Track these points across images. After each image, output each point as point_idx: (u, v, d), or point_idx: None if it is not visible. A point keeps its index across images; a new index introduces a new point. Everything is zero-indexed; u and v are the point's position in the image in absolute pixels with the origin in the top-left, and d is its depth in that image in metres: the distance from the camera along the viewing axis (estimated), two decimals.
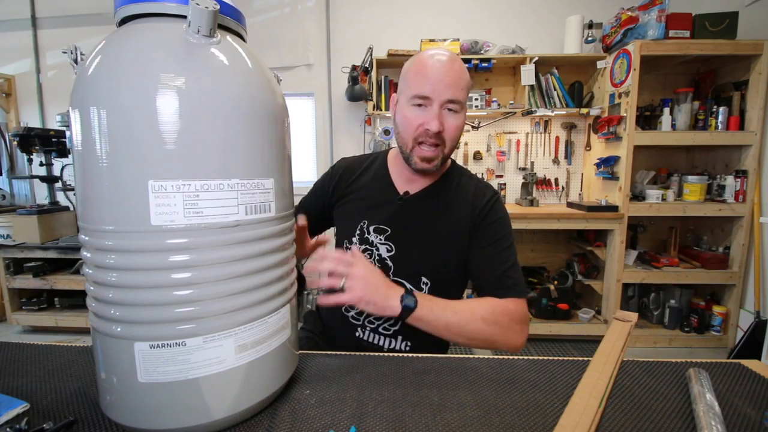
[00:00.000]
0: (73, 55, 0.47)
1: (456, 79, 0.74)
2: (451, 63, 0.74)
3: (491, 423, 0.49)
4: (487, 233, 0.81)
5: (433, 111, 0.73)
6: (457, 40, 2.50)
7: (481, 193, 0.84)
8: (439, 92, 0.73)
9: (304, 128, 2.93)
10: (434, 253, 0.82)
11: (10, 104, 2.99)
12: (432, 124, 0.73)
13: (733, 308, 2.30)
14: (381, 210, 0.85)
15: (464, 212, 0.82)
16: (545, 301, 2.42)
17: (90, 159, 0.42)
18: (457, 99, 0.74)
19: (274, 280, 0.51)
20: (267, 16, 2.79)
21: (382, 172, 0.89)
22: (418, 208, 0.84)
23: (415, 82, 0.75)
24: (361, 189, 0.89)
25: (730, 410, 0.51)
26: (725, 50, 2.14)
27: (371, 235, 0.84)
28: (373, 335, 0.84)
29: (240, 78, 0.46)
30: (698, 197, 2.29)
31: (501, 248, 0.81)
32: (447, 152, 0.79)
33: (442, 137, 0.76)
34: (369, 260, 0.81)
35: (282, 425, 0.48)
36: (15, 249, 2.30)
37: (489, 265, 0.80)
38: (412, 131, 0.76)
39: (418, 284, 0.82)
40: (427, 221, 0.83)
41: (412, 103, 0.76)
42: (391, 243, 0.82)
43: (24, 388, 0.56)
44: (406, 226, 0.83)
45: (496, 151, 2.79)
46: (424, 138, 0.75)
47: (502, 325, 0.74)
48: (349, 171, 0.92)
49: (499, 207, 0.84)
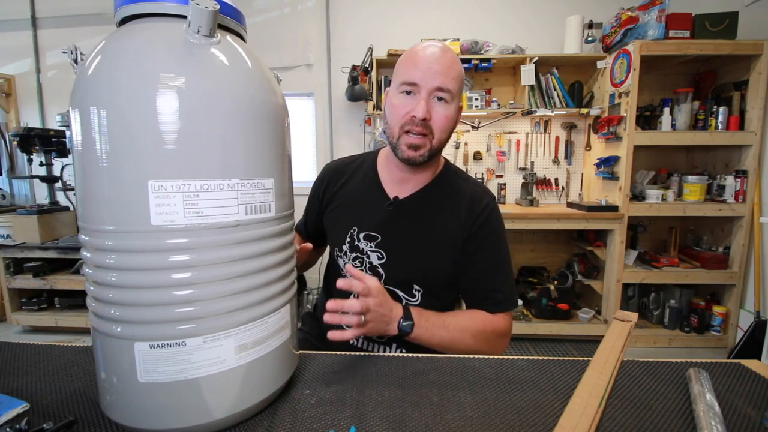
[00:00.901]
0: (73, 55, 0.47)
1: (446, 67, 0.71)
2: (442, 52, 0.72)
3: (491, 423, 0.49)
4: (482, 244, 0.79)
5: (421, 98, 0.71)
6: (457, 40, 2.50)
7: (478, 199, 0.81)
8: (427, 79, 0.71)
9: (304, 128, 2.93)
10: (426, 261, 0.79)
11: (10, 104, 2.99)
12: (418, 110, 0.71)
13: (733, 308, 2.31)
14: (371, 216, 0.82)
15: (458, 219, 0.79)
16: (545, 301, 2.42)
17: (90, 159, 0.42)
18: (446, 87, 0.71)
19: (274, 280, 0.51)
20: (267, 16, 2.79)
21: (371, 175, 0.86)
22: (409, 214, 0.81)
23: (404, 69, 0.73)
24: (350, 193, 0.87)
25: (730, 410, 0.51)
26: (725, 50, 2.14)
27: (361, 242, 0.82)
28: (367, 343, 0.84)
29: (240, 78, 0.46)
30: (698, 197, 2.29)
31: (495, 260, 0.79)
32: (435, 144, 0.75)
33: (430, 126, 0.73)
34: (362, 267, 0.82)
35: (282, 425, 0.48)
36: (15, 249, 2.30)
37: (480, 277, 0.79)
38: (399, 119, 0.74)
39: (410, 291, 0.81)
40: (419, 228, 0.80)
41: (400, 91, 0.74)
42: (382, 250, 0.80)
43: (24, 388, 0.56)
44: (397, 233, 0.80)
45: (496, 151, 2.79)
46: (411, 126, 0.73)
47: (489, 341, 0.76)
48: (337, 174, 0.90)
49: (495, 215, 0.81)
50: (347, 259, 0.84)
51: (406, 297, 0.81)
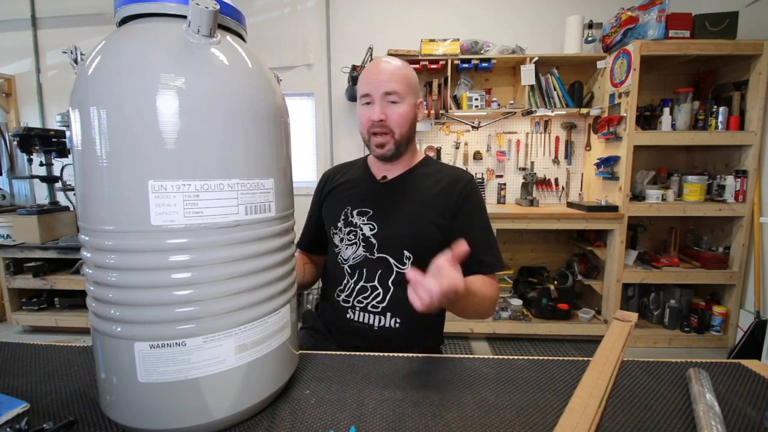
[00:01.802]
0: (73, 55, 0.47)
1: (390, 74, 0.84)
2: (386, 64, 0.86)
3: (491, 423, 0.49)
4: (470, 214, 0.88)
5: (376, 104, 0.85)
6: (457, 40, 2.50)
7: (459, 178, 0.92)
8: (375, 87, 0.84)
9: (304, 128, 2.93)
10: (414, 227, 0.87)
11: (10, 104, 2.99)
12: (374, 114, 0.84)
13: (733, 308, 2.30)
14: (362, 195, 0.93)
15: (442, 192, 0.89)
16: (545, 301, 2.42)
17: (90, 159, 0.42)
18: (393, 90, 0.84)
19: (274, 280, 0.51)
20: (267, 16, 2.79)
21: (363, 166, 0.99)
22: (396, 188, 0.92)
23: (360, 85, 0.88)
24: (345, 183, 0.98)
25: (730, 410, 0.51)
26: (725, 50, 2.14)
27: (355, 218, 0.91)
28: (363, 314, 0.87)
29: (240, 78, 0.46)
30: (698, 197, 2.28)
31: (483, 228, 0.89)
32: (398, 138, 0.87)
33: (387, 125, 0.85)
34: (355, 239, 0.89)
35: (282, 425, 0.48)
36: (15, 249, 2.30)
37: (473, 243, 0.78)
38: (364, 124, 0.87)
39: (401, 258, 0.86)
40: (406, 199, 0.90)
41: (361, 103, 0.88)
42: (374, 222, 0.89)
43: (24, 388, 0.56)
44: (387, 205, 0.90)
45: (496, 151, 2.79)
46: (374, 129, 0.86)
47: (493, 304, 0.84)
48: (335, 173, 1.02)
49: (476, 188, 0.92)
50: (342, 234, 0.91)
51: (396, 264, 0.86)
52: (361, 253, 0.88)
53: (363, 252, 0.88)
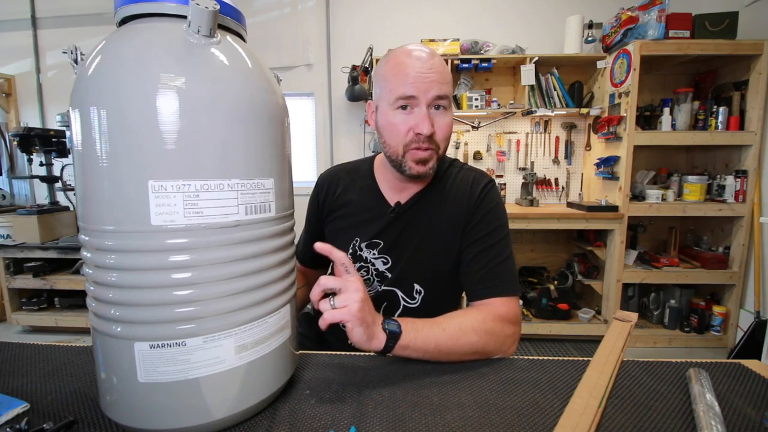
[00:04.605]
0: (73, 55, 0.47)
1: (440, 73, 0.68)
2: (430, 57, 0.69)
3: (491, 423, 0.49)
4: (480, 224, 0.76)
5: (422, 112, 0.68)
6: (457, 40, 2.50)
7: (477, 182, 0.79)
8: (424, 90, 0.67)
9: (304, 128, 2.93)
10: (429, 259, 0.78)
11: (10, 104, 2.99)
12: (423, 126, 0.67)
13: (733, 308, 2.31)
14: (372, 224, 0.81)
15: (459, 208, 0.77)
16: (545, 301, 2.42)
17: (90, 159, 0.42)
18: (444, 94, 0.69)
19: (274, 280, 0.51)
20: (267, 16, 2.79)
21: (370, 184, 0.84)
22: (411, 218, 0.79)
23: (396, 83, 0.68)
24: (350, 204, 0.84)
25: (730, 410, 0.51)
26: (725, 50, 2.14)
27: (364, 251, 0.81)
28: None
29: (240, 78, 0.46)
30: (698, 197, 2.29)
31: (494, 240, 0.74)
32: (441, 153, 0.74)
33: (435, 140, 0.70)
34: (368, 275, 0.80)
35: (282, 425, 0.48)
36: (15, 249, 2.30)
37: (479, 258, 0.74)
38: (402, 137, 0.70)
39: (411, 293, 0.78)
40: (423, 229, 0.79)
41: (396, 107, 0.69)
42: (387, 256, 0.79)
43: (24, 388, 0.56)
44: (401, 237, 0.79)
45: (496, 151, 2.79)
46: (417, 144, 0.69)
47: (494, 333, 0.66)
48: (334, 182, 0.87)
49: (494, 194, 0.78)
50: None
51: (404, 298, 0.79)
52: (375, 286, 0.81)
53: (377, 285, 0.81)
